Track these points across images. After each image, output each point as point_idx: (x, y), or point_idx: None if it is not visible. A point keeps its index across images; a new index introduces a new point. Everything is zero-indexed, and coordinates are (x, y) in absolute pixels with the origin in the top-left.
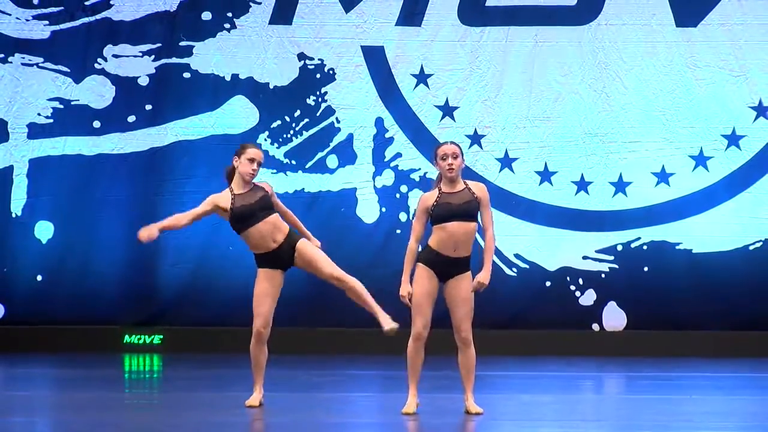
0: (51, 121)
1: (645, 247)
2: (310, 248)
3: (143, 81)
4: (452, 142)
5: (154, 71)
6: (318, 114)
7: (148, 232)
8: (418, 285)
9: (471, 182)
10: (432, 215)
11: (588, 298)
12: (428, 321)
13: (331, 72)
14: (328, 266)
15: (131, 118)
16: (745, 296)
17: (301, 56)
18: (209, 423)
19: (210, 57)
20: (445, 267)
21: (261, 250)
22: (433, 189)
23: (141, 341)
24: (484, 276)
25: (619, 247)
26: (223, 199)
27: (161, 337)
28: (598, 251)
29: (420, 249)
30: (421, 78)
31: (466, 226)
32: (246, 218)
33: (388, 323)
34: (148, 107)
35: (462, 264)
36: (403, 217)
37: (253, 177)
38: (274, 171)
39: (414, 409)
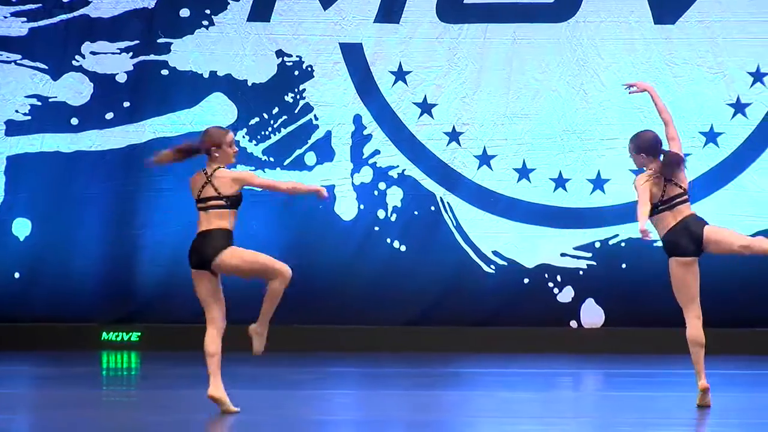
0: (29, 118)
1: (623, 244)
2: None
3: (121, 78)
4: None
5: (132, 68)
6: (296, 111)
7: None
8: None
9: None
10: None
11: (566, 295)
12: None
13: (309, 69)
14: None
15: (109, 115)
16: (722, 293)
17: (279, 53)
18: (187, 420)
19: (188, 54)
20: None
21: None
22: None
23: (119, 338)
24: None
25: (597, 244)
26: None
27: (139, 334)
28: (576, 248)
29: None
30: (400, 75)
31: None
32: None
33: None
34: (126, 104)
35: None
36: (381, 214)
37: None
38: (253, 168)
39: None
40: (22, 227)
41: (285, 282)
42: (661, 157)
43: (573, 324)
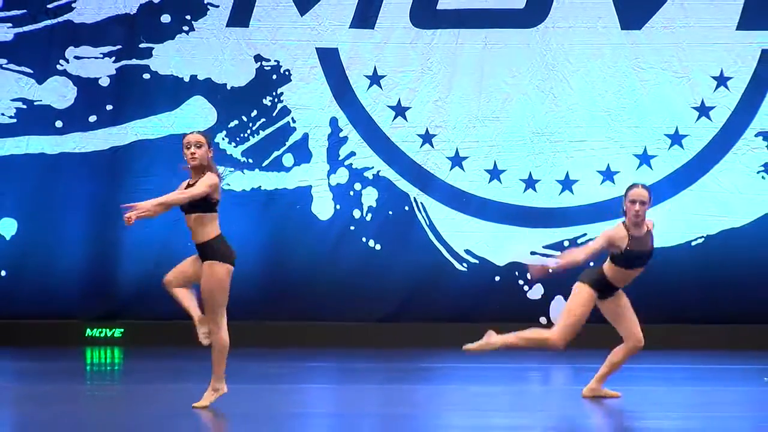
0: (14, 120)
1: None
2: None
3: (104, 82)
4: (199, 132)
5: (114, 72)
6: (274, 114)
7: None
8: None
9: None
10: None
11: (536, 292)
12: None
13: (286, 73)
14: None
15: (92, 118)
16: (686, 290)
17: (258, 58)
18: (168, 414)
19: (169, 58)
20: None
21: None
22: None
23: (102, 335)
24: None
25: (566, 243)
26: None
27: (122, 330)
28: (545, 247)
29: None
30: (374, 79)
31: (194, 216)
32: None
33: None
34: (109, 107)
35: (203, 251)
36: (356, 214)
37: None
38: (232, 169)
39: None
40: (8, 227)
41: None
42: None
43: (542, 320)
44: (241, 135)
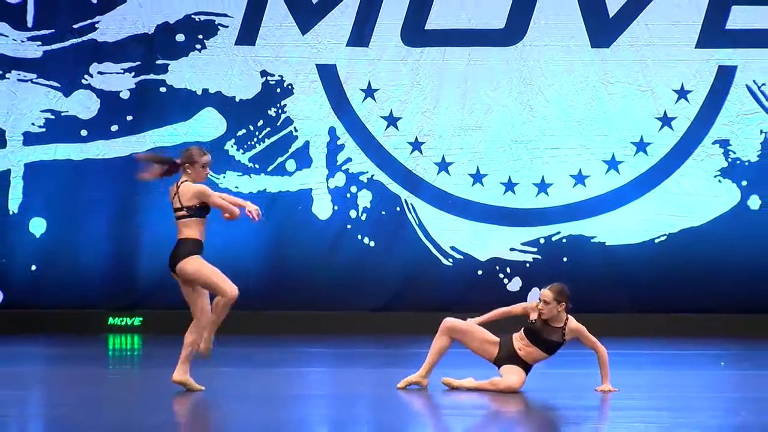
0: (43, 130)
1: (564, 240)
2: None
3: (125, 95)
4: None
5: (134, 86)
6: (278, 124)
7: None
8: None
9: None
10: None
11: (514, 284)
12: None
13: (289, 87)
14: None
15: (114, 128)
16: (651, 283)
17: (263, 73)
18: (182, 395)
19: (183, 74)
20: None
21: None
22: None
23: (123, 323)
24: None
25: (542, 240)
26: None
27: (141, 319)
28: (523, 244)
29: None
30: (369, 92)
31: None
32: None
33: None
34: (129, 118)
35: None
36: (353, 214)
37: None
38: (240, 174)
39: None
40: (38, 226)
41: (228, 302)
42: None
43: None
44: (249, 143)
